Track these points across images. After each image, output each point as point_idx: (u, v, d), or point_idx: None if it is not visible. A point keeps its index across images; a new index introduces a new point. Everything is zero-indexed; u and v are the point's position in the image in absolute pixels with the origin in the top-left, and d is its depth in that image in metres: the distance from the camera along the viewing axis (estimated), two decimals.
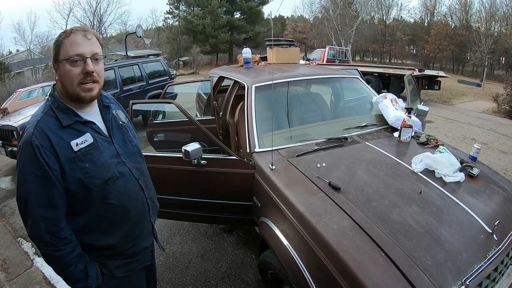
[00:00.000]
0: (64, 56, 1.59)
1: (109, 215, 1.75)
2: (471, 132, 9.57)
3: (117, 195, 1.74)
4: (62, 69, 1.61)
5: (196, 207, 3.43)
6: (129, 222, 1.85)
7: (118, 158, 1.79)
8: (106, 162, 1.71)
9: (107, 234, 1.77)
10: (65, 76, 1.61)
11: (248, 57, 4.87)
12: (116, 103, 2.08)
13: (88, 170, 1.62)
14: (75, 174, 1.59)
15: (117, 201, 1.74)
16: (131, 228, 1.87)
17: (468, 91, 19.75)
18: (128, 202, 1.81)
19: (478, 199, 2.47)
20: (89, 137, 1.66)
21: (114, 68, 9.65)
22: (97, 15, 40.89)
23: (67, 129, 1.62)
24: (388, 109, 3.71)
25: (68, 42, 1.60)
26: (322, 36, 46.36)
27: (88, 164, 1.63)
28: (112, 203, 1.73)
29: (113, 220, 1.77)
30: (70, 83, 1.62)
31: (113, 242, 1.80)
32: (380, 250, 1.89)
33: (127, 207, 1.81)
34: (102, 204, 1.70)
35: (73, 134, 1.63)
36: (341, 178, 2.61)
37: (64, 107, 1.65)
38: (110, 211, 1.74)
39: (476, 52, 31.74)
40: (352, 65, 15.79)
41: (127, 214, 1.82)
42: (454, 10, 44.89)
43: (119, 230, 1.81)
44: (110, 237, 1.78)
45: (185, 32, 43.32)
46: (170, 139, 5.03)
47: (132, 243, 1.90)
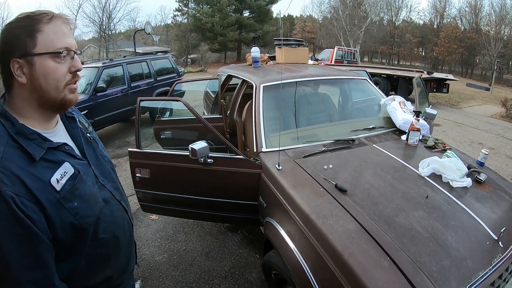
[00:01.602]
0: (47, 49, 1.20)
1: (102, 251, 1.45)
2: (479, 136, 9.51)
3: (106, 227, 1.44)
4: (42, 67, 1.21)
5: (201, 206, 3.44)
6: (121, 252, 1.60)
7: (98, 182, 1.46)
8: (93, 194, 1.38)
9: (98, 271, 1.48)
10: (48, 76, 1.22)
11: (256, 56, 4.88)
12: (75, 109, 1.67)
13: (78, 210, 1.28)
14: (64, 219, 1.24)
15: (107, 234, 1.45)
16: (122, 256, 1.62)
17: (477, 95, 19.68)
18: (118, 231, 1.54)
19: (484, 205, 2.45)
20: (68, 168, 1.28)
21: (123, 64, 9.67)
22: (106, 11, 41.05)
23: (40, 162, 1.21)
24: (396, 111, 3.70)
25: (51, 30, 1.22)
26: (331, 36, 46.25)
27: (77, 203, 1.28)
28: (103, 237, 1.43)
29: (106, 255, 1.49)
30: (54, 85, 1.25)
31: (105, 277, 1.52)
32: (385, 254, 1.88)
33: (118, 237, 1.54)
34: (93, 242, 1.38)
35: (49, 167, 1.23)
36: (348, 180, 2.60)
37: (27, 131, 1.21)
38: (102, 246, 1.44)
39: (485, 55, 31.64)
40: (360, 66, 15.75)
41: (118, 244, 1.55)
42: (464, 12, 44.82)
43: (111, 264, 1.54)
44: (102, 273, 1.50)
45: (193, 29, 43.34)
46: (177, 136, 5.04)
47: (123, 270, 1.66)
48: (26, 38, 1.18)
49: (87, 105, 8.13)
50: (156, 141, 5.29)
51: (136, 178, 3.48)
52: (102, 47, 41.53)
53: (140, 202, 3.70)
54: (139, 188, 3.57)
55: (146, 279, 3.77)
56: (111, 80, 9.21)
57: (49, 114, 1.32)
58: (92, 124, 6.45)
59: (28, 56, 1.18)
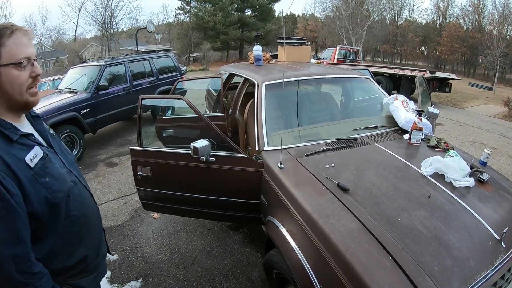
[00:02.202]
0: (10, 60, 1.39)
1: (75, 229, 1.61)
2: (481, 136, 9.48)
3: (77, 205, 1.60)
4: (7, 75, 1.39)
5: (203, 204, 3.43)
6: (92, 231, 1.76)
7: (65, 167, 1.64)
8: (61, 174, 1.57)
9: (74, 251, 1.63)
10: (13, 82, 1.41)
11: (259, 55, 4.87)
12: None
13: (50, 185, 1.46)
14: (39, 192, 1.41)
15: (78, 211, 1.61)
16: (94, 237, 1.79)
17: (479, 94, 19.63)
18: (87, 211, 1.70)
19: (487, 205, 2.44)
20: (39, 150, 1.48)
21: (125, 63, 9.70)
22: (108, 9, 41.14)
23: (15, 145, 1.41)
24: (398, 110, 3.68)
25: (12, 43, 1.40)
26: (333, 35, 46.30)
27: (48, 179, 1.46)
28: (75, 215, 1.59)
29: (79, 234, 1.64)
30: (19, 90, 1.44)
31: (81, 257, 1.67)
32: (387, 254, 1.88)
33: (88, 216, 1.70)
34: (66, 219, 1.55)
35: (22, 149, 1.43)
36: (350, 179, 2.60)
37: (3, 122, 1.42)
38: (75, 224, 1.60)
39: (488, 55, 31.62)
40: (363, 65, 15.74)
41: (89, 223, 1.71)
42: (467, 12, 44.81)
43: (85, 243, 1.69)
44: (77, 253, 1.65)
45: (196, 28, 43.45)
46: (179, 135, 5.04)
47: (96, 252, 1.81)
48: None
49: (89, 103, 8.15)
50: (158, 139, 5.29)
51: (138, 176, 3.47)
52: (104, 45, 41.66)
53: (142, 201, 3.70)
54: (140, 186, 3.57)
55: (147, 277, 3.77)
56: (113, 78, 9.24)
57: (17, 113, 1.52)
58: (94, 122, 6.53)
59: None
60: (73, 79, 9.14)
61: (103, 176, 6.86)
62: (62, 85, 9.21)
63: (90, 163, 7.72)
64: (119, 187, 6.27)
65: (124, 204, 5.56)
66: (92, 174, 7.04)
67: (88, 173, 7.07)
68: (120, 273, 3.87)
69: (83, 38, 52.25)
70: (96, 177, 6.85)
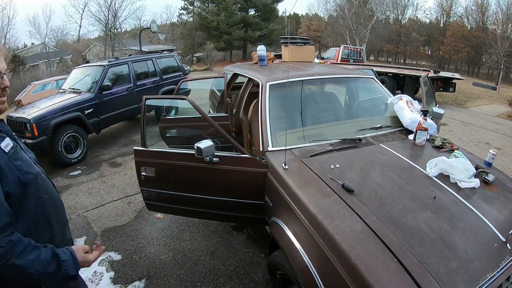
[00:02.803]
0: None
1: (43, 210, 1.73)
2: (486, 136, 9.45)
3: (44, 189, 1.75)
4: None
5: (207, 204, 3.43)
6: (58, 215, 1.86)
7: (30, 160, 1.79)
8: (28, 160, 1.74)
9: (43, 232, 1.73)
10: None
11: (262, 55, 4.87)
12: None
13: (22, 167, 1.63)
14: (13, 172, 1.57)
15: (46, 194, 1.75)
16: (60, 220, 1.88)
17: (483, 94, 19.58)
18: (52, 195, 1.83)
19: (492, 207, 2.42)
20: (9, 141, 1.65)
21: (128, 63, 9.69)
22: (112, 10, 41.23)
23: None
24: (403, 111, 3.67)
25: None
26: (337, 35, 46.22)
27: (20, 162, 1.63)
28: (43, 197, 1.72)
29: (47, 216, 1.75)
30: None
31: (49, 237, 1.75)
32: (392, 256, 1.87)
33: (54, 200, 1.83)
34: (36, 200, 1.68)
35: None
36: (355, 180, 2.58)
37: None
38: (43, 205, 1.73)
39: (492, 54, 31.47)
40: (366, 65, 15.71)
41: (55, 206, 1.84)
42: (471, 11, 44.66)
43: (52, 226, 1.79)
44: (46, 234, 1.75)
45: (199, 28, 43.51)
46: (183, 135, 5.04)
47: (62, 235, 1.89)
48: None
49: (93, 104, 8.17)
50: (161, 139, 5.29)
51: (142, 176, 3.47)
52: (107, 45, 41.73)
53: (145, 201, 3.71)
54: (144, 187, 3.57)
55: (150, 278, 3.77)
56: (116, 78, 9.25)
57: None
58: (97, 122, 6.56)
59: None
60: (76, 79, 9.16)
61: (106, 176, 6.87)
62: (65, 85, 9.25)
63: (93, 163, 7.74)
64: (122, 187, 6.27)
65: (127, 204, 5.56)
66: (96, 174, 7.06)
67: (91, 173, 7.09)
68: (123, 273, 3.87)
69: (87, 38, 52.43)
70: (100, 177, 6.86)
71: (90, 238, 4.59)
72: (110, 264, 4.04)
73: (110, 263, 4.05)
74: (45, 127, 6.99)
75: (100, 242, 2.12)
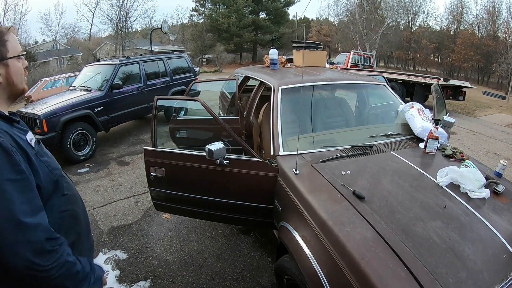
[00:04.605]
0: (15, 53, 1.53)
1: (70, 208, 1.66)
2: (495, 146, 9.38)
3: (67, 186, 1.66)
4: (14, 67, 1.53)
5: (215, 207, 3.44)
6: (82, 212, 1.79)
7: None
8: (52, 156, 1.68)
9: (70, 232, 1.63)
10: (17, 73, 1.55)
11: (274, 58, 4.88)
12: None
13: (49, 163, 1.56)
14: (43, 169, 1.49)
15: (69, 191, 1.67)
16: (84, 219, 1.82)
17: (493, 103, 19.44)
18: (75, 191, 1.76)
19: (502, 217, 2.41)
20: (32, 135, 1.57)
21: (139, 62, 9.75)
22: (123, 9, 41.45)
23: (15, 128, 1.49)
24: (414, 118, 3.66)
25: (13, 38, 1.54)
26: (347, 40, 46.20)
27: (47, 158, 1.58)
28: (68, 194, 1.65)
29: (73, 214, 1.69)
30: (20, 79, 1.58)
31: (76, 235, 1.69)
32: (402, 264, 1.86)
33: (77, 196, 1.76)
34: (62, 197, 1.60)
35: (21, 132, 1.51)
36: (366, 187, 2.59)
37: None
38: (69, 202, 1.65)
39: (502, 63, 31.32)
40: (377, 71, 15.68)
41: (78, 203, 1.76)
42: (481, 19, 44.41)
43: (79, 224, 1.73)
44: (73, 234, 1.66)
45: (210, 30, 43.66)
46: (192, 136, 5.05)
47: (87, 235, 1.84)
48: (1, 47, 1.48)
49: (103, 102, 8.22)
50: (170, 139, 5.31)
51: (151, 176, 3.49)
52: (118, 44, 41.95)
53: (154, 201, 3.72)
54: (153, 187, 3.58)
55: (156, 278, 3.78)
56: (127, 77, 9.30)
57: (9, 104, 1.61)
58: (107, 120, 6.57)
59: (4, 60, 1.49)
60: (87, 77, 9.25)
61: (114, 175, 6.90)
62: (76, 82, 9.32)
63: (102, 161, 7.78)
64: (130, 186, 6.30)
65: (135, 203, 5.58)
66: (104, 172, 7.09)
67: (99, 171, 7.13)
68: (129, 273, 3.88)
69: (98, 37, 52.73)
70: (108, 175, 6.90)
71: (97, 236, 4.60)
72: (116, 262, 4.05)
73: (116, 261, 4.07)
74: (54, 123, 7.03)
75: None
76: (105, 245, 4.37)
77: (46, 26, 43.52)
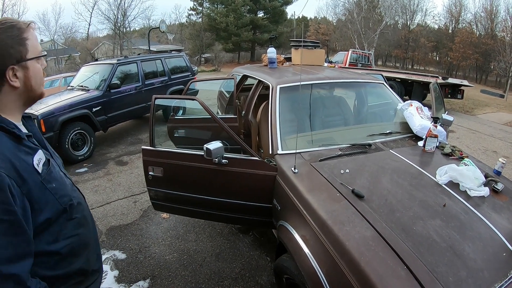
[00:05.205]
0: (35, 53, 1.39)
1: (78, 232, 1.54)
2: (493, 144, 9.38)
3: (78, 208, 1.55)
4: (33, 69, 1.39)
5: (214, 206, 3.43)
6: (91, 233, 1.68)
7: (61, 171, 1.57)
8: (62, 177, 1.51)
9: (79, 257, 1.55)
10: (36, 76, 1.41)
11: (273, 57, 4.86)
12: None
13: (56, 190, 1.40)
14: (48, 199, 1.35)
15: (79, 213, 1.55)
16: (93, 239, 1.71)
17: (491, 101, 19.46)
18: (85, 212, 1.64)
19: (501, 216, 2.40)
20: (42, 154, 1.40)
21: (137, 62, 9.74)
22: (121, 8, 41.45)
23: (22, 147, 1.33)
24: (413, 117, 3.65)
25: (33, 36, 1.39)
26: (345, 39, 46.20)
27: (54, 184, 1.40)
28: (77, 217, 1.52)
29: (82, 238, 1.58)
30: (40, 82, 1.45)
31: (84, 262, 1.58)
32: (402, 263, 1.85)
33: (86, 217, 1.64)
34: (69, 221, 1.48)
35: (28, 152, 1.34)
36: (365, 186, 2.57)
37: (7, 121, 1.32)
38: (77, 226, 1.53)
39: (500, 62, 31.40)
40: (375, 70, 15.69)
41: (88, 225, 1.64)
42: (480, 18, 44.45)
43: (86, 247, 1.62)
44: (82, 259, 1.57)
45: (208, 29, 43.69)
46: (191, 135, 5.03)
47: (96, 255, 1.73)
48: (20, 47, 1.32)
49: (101, 101, 8.21)
50: (169, 139, 5.29)
51: (149, 176, 3.47)
52: (116, 44, 41.93)
53: (152, 201, 3.71)
54: (151, 186, 3.57)
55: (155, 278, 3.77)
56: (125, 77, 9.29)
57: (23, 110, 1.47)
58: (105, 120, 6.55)
59: (23, 62, 1.34)
60: (85, 77, 9.22)
61: (113, 175, 6.88)
62: (74, 82, 9.29)
63: (100, 161, 7.76)
64: (128, 185, 6.28)
65: (133, 203, 5.57)
66: (102, 172, 7.07)
67: (98, 171, 7.11)
68: (128, 273, 3.87)
69: (96, 37, 52.72)
70: (106, 175, 6.88)
71: None
72: (115, 262, 4.04)
73: (114, 261, 4.05)
74: (52, 123, 7.00)
75: None
76: (104, 245, 4.35)
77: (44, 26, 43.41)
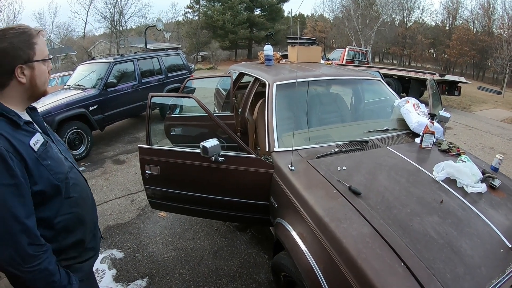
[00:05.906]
0: (42, 56, 1.60)
1: (73, 210, 1.73)
2: (490, 141, 9.40)
3: (75, 188, 1.74)
4: (39, 70, 1.60)
5: (211, 204, 3.41)
6: (88, 213, 1.88)
7: (61, 155, 1.76)
8: (59, 158, 1.70)
9: (75, 233, 1.76)
10: (42, 76, 1.62)
11: (269, 54, 4.85)
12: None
13: (51, 167, 1.59)
14: (42, 174, 1.54)
15: (76, 193, 1.75)
16: (90, 219, 1.90)
17: (488, 98, 19.47)
18: (83, 193, 1.84)
19: (499, 212, 2.41)
20: (39, 137, 1.61)
21: (134, 60, 9.71)
22: (117, 7, 41.38)
23: (20, 131, 1.54)
24: (410, 113, 3.65)
25: (41, 42, 1.61)
26: (342, 36, 46.24)
27: (50, 161, 1.60)
28: (74, 196, 1.73)
29: (78, 216, 1.77)
30: (43, 81, 1.64)
31: (79, 238, 1.79)
32: (399, 260, 1.85)
33: (84, 198, 1.84)
34: (66, 200, 1.68)
35: (26, 135, 1.55)
36: (362, 182, 2.57)
37: (9, 110, 1.53)
38: (74, 205, 1.73)
39: (497, 58, 31.41)
40: (372, 67, 15.68)
41: (86, 205, 1.85)
42: (477, 15, 44.41)
43: (85, 226, 1.82)
44: (77, 235, 1.77)
45: (204, 27, 43.67)
46: (188, 133, 5.02)
47: (92, 234, 1.92)
48: (29, 50, 1.54)
49: (98, 100, 8.19)
50: (166, 137, 5.28)
51: (146, 174, 3.46)
52: (113, 42, 41.91)
53: (149, 199, 3.70)
54: (148, 185, 3.56)
55: (153, 276, 3.76)
56: (121, 75, 9.25)
57: (28, 103, 1.69)
58: (102, 119, 6.55)
59: (30, 62, 1.55)
60: (81, 76, 9.19)
61: (110, 173, 6.87)
62: (70, 81, 9.26)
63: (97, 160, 7.74)
64: (126, 184, 6.27)
65: (131, 202, 5.56)
66: (99, 171, 7.06)
67: (95, 170, 7.10)
68: (125, 272, 3.86)
69: (92, 35, 52.66)
70: (103, 174, 6.87)
71: None
72: (112, 262, 4.03)
73: (112, 261, 4.05)
74: (49, 123, 6.86)
75: None
76: (101, 244, 4.32)
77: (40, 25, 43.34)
